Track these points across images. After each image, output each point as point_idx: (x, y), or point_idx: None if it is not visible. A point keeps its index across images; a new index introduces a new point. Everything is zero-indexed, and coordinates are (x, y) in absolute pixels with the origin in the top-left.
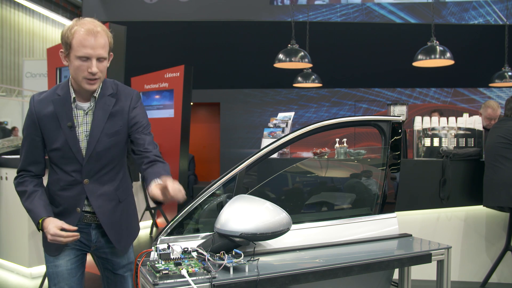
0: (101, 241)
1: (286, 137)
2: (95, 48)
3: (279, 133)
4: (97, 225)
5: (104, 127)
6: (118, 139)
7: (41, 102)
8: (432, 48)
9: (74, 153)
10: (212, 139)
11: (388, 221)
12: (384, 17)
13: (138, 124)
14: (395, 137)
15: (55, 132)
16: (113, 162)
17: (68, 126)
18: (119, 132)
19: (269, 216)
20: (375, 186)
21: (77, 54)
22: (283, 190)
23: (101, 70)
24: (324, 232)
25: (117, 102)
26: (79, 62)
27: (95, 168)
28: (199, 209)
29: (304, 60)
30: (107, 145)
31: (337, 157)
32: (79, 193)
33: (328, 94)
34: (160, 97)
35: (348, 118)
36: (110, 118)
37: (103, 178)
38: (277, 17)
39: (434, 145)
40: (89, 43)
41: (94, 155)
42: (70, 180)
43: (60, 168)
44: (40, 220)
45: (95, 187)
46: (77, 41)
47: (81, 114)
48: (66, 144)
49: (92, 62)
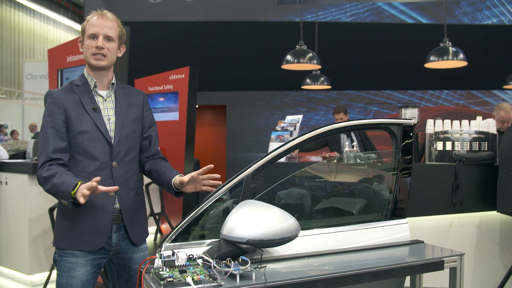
0: (120, 245)
1: (294, 140)
2: (102, 27)
3: (287, 137)
4: (118, 227)
5: (126, 112)
6: (138, 126)
7: (62, 92)
8: (445, 49)
9: (103, 133)
10: (218, 143)
11: (399, 227)
12: (395, 17)
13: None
14: (407, 141)
15: (81, 116)
16: (135, 149)
17: (94, 109)
18: (138, 120)
19: (276, 222)
20: (386, 191)
21: (87, 33)
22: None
23: (108, 49)
24: (334, 239)
25: (129, 95)
26: (88, 41)
27: (122, 151)
28: (204, 215)
29: (312, 61)
30: (131, 129)
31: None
32: (106, 178)
33: (337, 96)
34: (164, 100)
35: (358, 121)
36: (129, 106)
37: (128, 163)
38: (284, 17)
39: (446, 149)
40: (97, 22)
41: (123, 137)
42: (98, 165)
43: (87, 152)
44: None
45: (121, 171)
46: (89, 23)
47: (101, 100)
48: (94, 126)
49: (99, 39)
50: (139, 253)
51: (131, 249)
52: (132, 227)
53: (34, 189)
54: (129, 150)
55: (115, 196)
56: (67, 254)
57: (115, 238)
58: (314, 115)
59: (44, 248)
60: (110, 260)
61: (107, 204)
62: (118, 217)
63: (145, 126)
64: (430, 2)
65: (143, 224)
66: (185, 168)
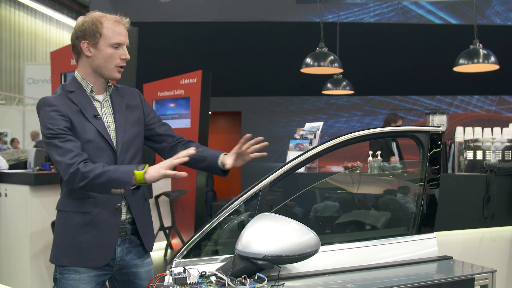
0: (125, 259)
1: (314, 149)
2: (125, 36)
3: (307, 145)
4: (122, 240)
5: (125, 116)
6: (139, 129)
7: (59, 99)
8: (475, 51)
9: (108, 141)
10: None
11: (426, 242)
12: (422, 17)
13: (156, 118)
14: (434, 150)
15: (84, 124)
16: (139, 154)
17: (94, 115)
18: (139, 122)
19: (295, 236)
20: (412, 204)
21: (111, 42)
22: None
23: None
24: (356, 254)
25: (125, 97)
26: (111, 49)
27: (127, 158)
28: (218, 229)
29: (334, 64)
30: (132, 134)
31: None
32: None
33: (360, 102)
34: (175, 106)
35: (383, 128)
36: (127, 108)
37: None
38: (304, 17)
39: (477, 158)
40: (122, 31)
41: (126, 143)
42: None
43: (93, 163)
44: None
45: None
46: (110, 29)
47: (98, 106)
48: (98, 134)
49: (124, 49)
50: (144, 267)
51: (136, 264)
52: (145, 234)
53: (36, 201)
54: (134, 155)
55: (122, 207)
56: (70, 271)
57: (119, 252)
58: (335, 122)
59: (46, 264)
60: (113, 277)
61: (113, 216)
62: (123, 229)
63: (154, 122)
64: (459, 1)
65: (152, 230)
66: (198, 179)
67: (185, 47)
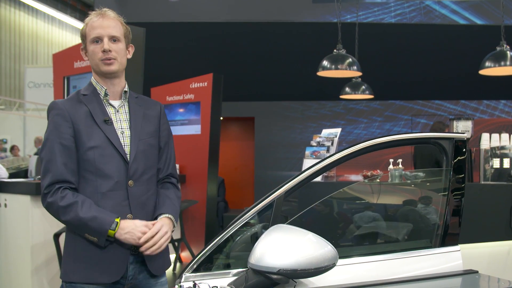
0: (138, 278)
1: (332, 157)
2: (105, 28)
3: (324, 153)
4: (135, 257)
5: (142, 124)
6: (155, 141)
7: (68, 102)
8: (502, 53)
9: (117, 148)
10: (245, 159)
11: (450, 255)
12: (446, 18)
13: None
14: (459, 158)
15: (91, 129)
16: (154, 167)
17: (105, 120)
18: (155, 134)
19: (312, 249)
20: (435, 215)
21: (90, 38)
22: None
23: (116, 51)
24: (376, 268)
25: (145, 106)
26: (93, 46)
27: (139, 169)
28: (230, 242)
29: (352, 67)
30: (148, 144)
31: (391, 181)
32: (121, 199)
33: (380, 107)
34: (184, 111)
35: (404, 135)
36: (145, 118)
37: (146, 183)
38: (321, 18)
39: (504, 167)
40: (98, 24)
41: (140, 153)
42: (112, 184)
43: (99, 170)
44: (118, 219)
45: (139, 192)
46: (89, 26)
47: (113, 111)
48: (106, 140)
49: (104, 41)
50: (157, 286)
51: (149, 283)
52: (151, 255)
53: (37, 212)
54: (147, 167)
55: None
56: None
57: (131, 270)
58: (354, 128)
59: (48, 278)
60: None
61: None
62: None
63: (161, 141)
64: (485, 1)
65: (163, 252)
66: (208, 188)
67: (195, 48)
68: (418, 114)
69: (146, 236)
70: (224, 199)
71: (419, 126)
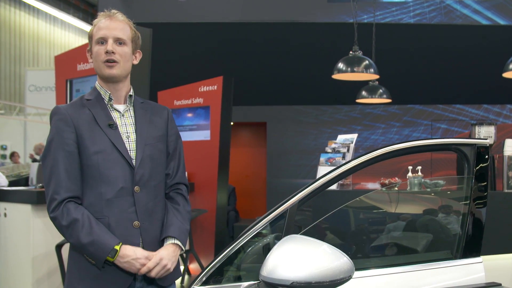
0: None
1: (348, 164)
2: (111, 29)
3: (339, 160)
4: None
5: (148, 129)
6: (163, 145)
7: (71, 107)
8: None
9: (122, 152)
10: (257, 167)
11: (472, 267)
12: (467, 18)
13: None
14: (481, 165)
15: (95, 133)
16: (161, 173)
17: (109, 125)
18: (162, 139)
19: (326, 261)
20: (456, 225)
21: (95, 38)
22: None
23: (120, 54)
24: (394, 281)
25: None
26: (97, 47)
27: (146, 174)
28: (241, 253)
29: (369, 70)
30: (155, 148)
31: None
32: (128, 205)
33: (398, 111)
34: (193, 116)
35: (423, 141)
36: (151, 123)
37: (153, 189)
38: (336, 18)
39: None
40: (104, 25)
41: (146, 158)
42: (117, 190)
43: (103, 175)
44: (117, 247)
45: (146, 198)
46: (96, 27)
47: (117, 116)
48: (110, 144)
49: (109, 42)
50: None
51: None
52: None
53: (39, 221)
54: (154, 173)
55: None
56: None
57: (139, 281)
58: (371, 134)
59: None
60: None
61: (131, 237)
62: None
63: (169, 146)
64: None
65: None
66: (218, 197)
67: (205, 50)
68: (438, 119)
69: (143, 270)
70: (235, 208)
71: (440, 131)
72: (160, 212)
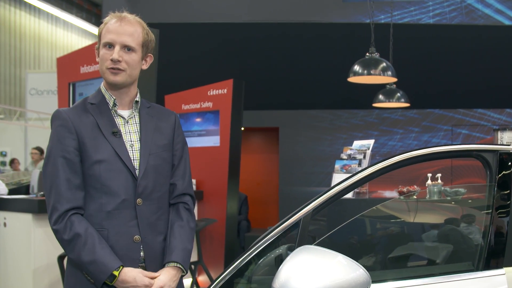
0: None
1: (364, 172)
2: (120, 34)
3: (355, 167)
4: None
5: (153, 137)
6: (168, 154)
7: (73, 112)
8: None
9: (125, 162)
10: (269, 174)
11: (494, 279)
12: (490, 18)
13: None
14: (504, 172)
15: (98, 141)
16: (165, 184)
17: (113, 132)
18: (168, 148)
19: (342, 273)
20: (477, 235)
21: (102, 41)
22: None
23: (127, 61)
24: None
25: (157, 117)
26: (103, 50)
27: (149, 186)
28: (252, 264)
29: (386, 73)
30: (160, 158)
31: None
32: (129, 218)
33: (417, 116)
34: (202, 120)
35: (443, 147)
36: (156, 130)
37: (156, 201)
38: (352, 18)
39: None
40: (114, 28)
41: (150, 168)
42: (118, 202)
43: (105, 186)
44: (116, 272)
45: (148, 211)
46: (105, 28)
47: (121, 122)
48: (113, 154)
49: (115, 49)
50: None
51: None
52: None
53: (40, 231)
54: (158, 184)
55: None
56: None
57: None
58: (388, 140)
59: None
60: None
61: (131, 251)
62: (144, 267)
63: (174, 155)
64: None
65: None
66: (228, 206)
67: (214, 52)
68: (459, 124)
69: None
70: (247, 218)
71: (460, 137)
72: (163, 225)
